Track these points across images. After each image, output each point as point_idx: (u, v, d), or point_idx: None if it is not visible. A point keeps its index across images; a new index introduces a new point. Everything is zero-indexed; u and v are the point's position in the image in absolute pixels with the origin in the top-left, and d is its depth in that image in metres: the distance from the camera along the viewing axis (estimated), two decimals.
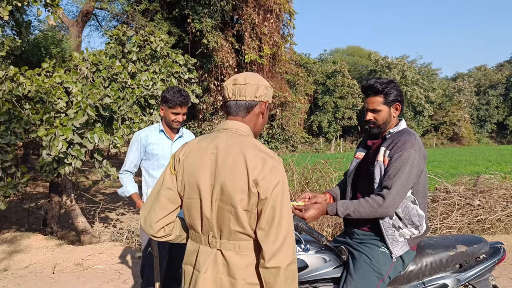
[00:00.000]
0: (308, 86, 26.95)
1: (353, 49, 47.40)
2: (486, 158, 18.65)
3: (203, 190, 1.34)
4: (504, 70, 46.21)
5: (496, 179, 6.13)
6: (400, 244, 1.91)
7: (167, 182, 1.42)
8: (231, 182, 1.29)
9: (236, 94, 1.41)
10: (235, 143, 1.34)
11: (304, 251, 1.97)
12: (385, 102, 1.95)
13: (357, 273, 1.89)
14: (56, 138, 4.05)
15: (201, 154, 1.37)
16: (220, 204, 1.32)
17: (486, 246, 2.15)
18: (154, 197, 1.44)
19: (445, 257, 2.04)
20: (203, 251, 1.39)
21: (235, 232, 1.33)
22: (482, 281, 2.14)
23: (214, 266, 1.35)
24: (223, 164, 1.31)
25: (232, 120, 1.42)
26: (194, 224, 1.41)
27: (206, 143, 1.38)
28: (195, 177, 1.35)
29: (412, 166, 1.83)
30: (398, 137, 1.90)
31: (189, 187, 1.37)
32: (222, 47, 10.93)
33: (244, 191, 1.29)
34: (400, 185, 1.80)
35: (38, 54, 6.66)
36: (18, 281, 3.87)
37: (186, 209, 1.41)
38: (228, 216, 1.31)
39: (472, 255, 2.11)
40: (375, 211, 1.82)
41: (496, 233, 5.08)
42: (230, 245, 1.35)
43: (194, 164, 1.37)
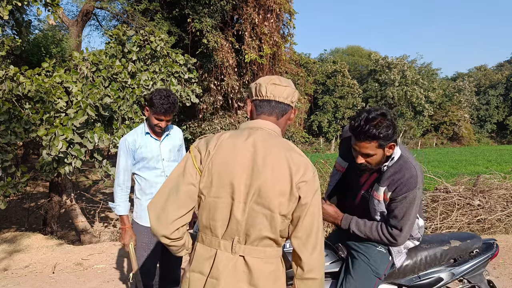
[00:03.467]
0: (308, 86, 26.94)
1: (353, 49, 47.40)
2: (486, 158, 18.66)
3: (237, 190, 1.22)
4: (504, 70, 46.21)
5: (496, 179, 6.13)
6: (401, 255, 1.99)
7: (190, 177, 1.27)
8: (272, 183, 1.21)
9: (275, 94, 1.33)
10: (275, 143, 1.26)
11: None
12: (379, 146, 1.72)
13: (356, 272, 1.93)
14: (56, 138, 4.05)
15: (236, 150, 1.24)
16: (255, 207, 1.22)
17: (479, 241, 2.21)
18: (171, 193, 1.27)
19: (439, 252, 2.10)
20: (221, 257, 1.26)
21: (264, 238, 1.25)
22: (477, 275, 2.20)
23: (234, 273, 1.25)
24: (263, 164, 1.22)
25: (266, 120, 1.34)
26: (213, 227, 1.27)
27: (241, 140, 1.26)
28: (228, 175, 1.23)
29: (417, 204, 1.79)
30: (398, 176, 1.75)
31: (218, 185, 1.24)
32: (222, 47, 10.92)
33: (285, 194, 1.21)
34: (409, 225, 1.83)
35: (38, 53, 6.66)
36: (18, 280, 3.87)
37: (207, 208, 1.27)
38: (261, 220, 1.23)
39: (466, 250, 2.17)
40: (385, 243, 1.89)
41: (496, 233, 5.08)
42: (255, 252, 1.26)
43: (227, 160, 1.24)
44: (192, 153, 1.30)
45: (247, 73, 11.89)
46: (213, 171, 1.24)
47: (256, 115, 1.37)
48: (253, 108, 1.38)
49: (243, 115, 11.83)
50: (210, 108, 11.68)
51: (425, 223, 5.11)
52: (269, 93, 1.34)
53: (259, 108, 1.36)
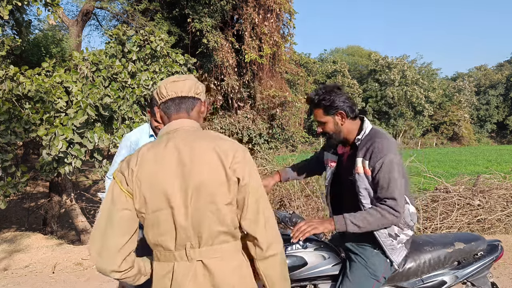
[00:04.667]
0: (308, 86, 26.93)
1: (353, 49, 47.42)
2: (486, 158, 18.66)
3: (174, 197, 1.19)
4: (504, 70, 46.22)
5: (496, 179, 6.12)
6: (399, 251, 1.91)
7: (120, 202, 1.21)
8: (207, 177, 1.19)
9: (176, 90, 1.31)
10: (196, 138, 1.25)
11: (303, 248, 1.98)
12: (325, 113, 1.87)
13: (353, 274, 1.91)
14: (56, 138, 4.05)
15: (160, 159, 1.21)
16: (198, 206, 1.20)
17: (484, 243, 2.17)
18: (107, 225, 1.21)
19: (443, 254, 2.06)
20: (179, 268, 1.22)
21: (217, 233, 1.22)
22: (480, 278, 2.16)
23: (195, 281, 1.21)
24: (192, 162, 1.20)
25: (178, 119, 1.31)
26: (163, 241, 1.22)
27: (161, 148, 1.23)
28: (160, 186, 1.19)
29: (399, 171, 1.79)
30: (370, 143, 1.81)
31: (153, 200, 1.19)
32: (222, 47, 10.93)
33: (223, 183, 1.20)
34: (399, 192, 1.78)
35: (38, 53, 6.66)
36: (18, 280, 3.87)
37: (150, 225, 1.22)
38: (208, 217, 1.20)
39: (470, 252, 2.13)
40: (388, 220, 1.78)
41: (496, 233, 5.08)
42: (212, 252, 1.23)
43: (154, 172, 1.20)
44: (116, 179, 1.24)
45: (247, 73, 11.89)
46: (142, 188, 1.20)
47: (167, 118, 1.34)
48: (162, 113, 1.35)
49: (243, 115, 11.84)
50: (210, 108, 11.69)
51: (425, 223, 5.11)
52: (169, 91, 1.31)
53: (166, 110, 1.33)
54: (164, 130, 1.31)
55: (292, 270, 1.95)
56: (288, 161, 6.62)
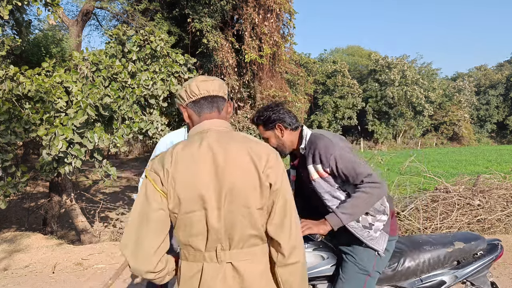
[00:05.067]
0: (308, 85, 26.94)
1: (353, 49, 47.40)
2: (486, 158, 18.66)
3: (208, 198, 1.18)
4: (504, 70, 46.21)
5: (496, 179, 6.13)
6: (379, 238, 1.91)
7: (155, 202, 1.20)
8: (241, 180, 1.19)
9: (208, 89, 1.32)
10: (230, 140, 1.24)
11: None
12: (265, 129, 2.00)
13: (344, 273, 1.93)
14: (56, 138, 4.05)
15: (195, 160, 1.20)
16: (231, 209, 1.19)
17: (484, 243, 2.17)
18: (142, 225, 1.19)
19: (442, 254, 2.06)
20: (209, 269, 1.22)
21: (248, 237, 1.22)
22: (480, 277, 2.16)
23: (224, 283, 1.21)
24: (226, 164, 1.19)
25: (211, 119, 1.31)
26: (194, 241, 1.22)
27: (195, 148, 1.22)
28: (195, 187, 1.18)
29: (350, 153, 1.86)
30: (313, 148, 1.89)
31: (188, 200, 1.19)
32: (222, 47, 10.92)
33: (256, 187, 1.20)
34: (366, 168, 1.82)
35: (38, 53, 6.66)
36: (18, 280, 3.87)
37: (182, 226, 1.22)
38: (240, 220, 1.20)
39: (470, 252, 2.13)
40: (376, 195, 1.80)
41: (496, 233, 5.08)
42: (242, 254, 1.23)
43: (189, 173, 1.19)
44: (149, 178, 1.22)
45: (247, 73, 11.89)
46: (177, 188, 1.19)
47: (198, 117, 1.33)
48: (191, 112, 1.34)
49: (243, 115, 11.83)
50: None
51: (425, 223, 5.11)
52: (202, 90, 1.31)
53: (197, 109, 1.32)
54: (195, 129, 1.30)
55: None
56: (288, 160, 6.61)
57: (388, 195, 2.01)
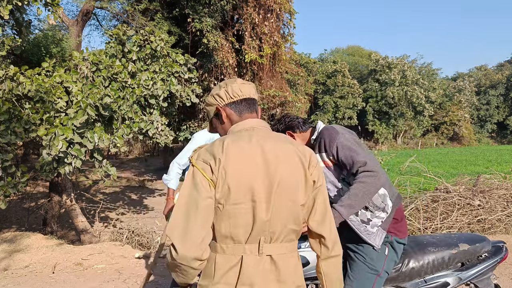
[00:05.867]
0: (308, 85, 26.94)
1: (353, 49, 47.39)
2: (487, 158, 18.65)
3: (258, 191, 1.21)
4: (504, 70, 46.20)
5: (496, 179, 6.12)
6: (376, 234, 1.91)
7: (205, 190, 1.20)
8: (289, 176, 1.24)
9: (249, 92, 1.38)
10: (276, 138, 1.30)
11: (306, 247, 1.98)
12: None
13: (353, 272, 1.93)
14: (56, 138, 4.04)
15: (245, 153, 1.23)
16: (279, 203, 1.23)
17: (488, 245, 2.15)
18: (190, 212, 1.20)
19: (447, 255, 2.05)
20: (249, 261, 1.23)
21: (289, 231, 1.27)
22: (484, 279, 2.14)
23: (264, 275, 1.23)
24: (276, 159, 1.24)
25: (253, 119, 1.37)
26: (236, 233, 1.22)
27: (245, 142, 1.25)
28: (245, 179, 1.20)
29: (353, 143, 1.89)
30: (319, 138, 1.98)
31: (237, 191, 1.20)
32: (222, 47, 10.92)
33: (302, 184, 1.27)
34: (364, 156, 1.82)
35: (38, 53, 6.66)
36: (18, 280, 3.87)
37: (226, 217, 1.22)
38: (285, 214, 1.25)
39: (474, 254, 2.11)
40: (373, 185, 1.78)
41: (496, 233, 5.08)
42: (280, 248, 1.27)
43: (240, 164, 1.21)
44: (198, 166, 1.23)
45: (247, 73, 11.89)
46: (228, 178, 1.20)
47: (238, 117, 1.37)
48: (230, 111, 1.38)
49: None
50: None
51: (425, 223, 5.11)
52: (244, 91, 1.37)
53: (238, 109, 1.37)
54: (239, 126, 1.33)
55: None
56: None
57: (398, 194, 1.99)
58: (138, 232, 5.46)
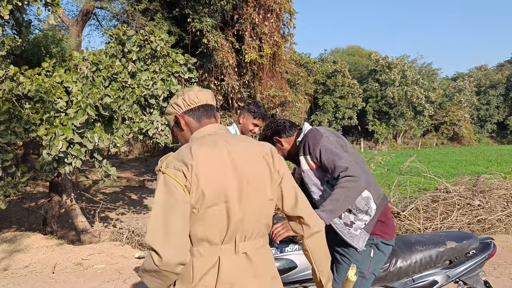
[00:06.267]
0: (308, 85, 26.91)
1: (353, 49, 47.38)
2: (487, 158, 18.65)
3: (230, 191, 1.24)
4: (504, 70, 46.19)
5: (496, 179, 6.12)
6: (359, 237, 1.90)
7: (181, 195, 1.20)
8: (256, 173, 1.30)
9: (206, 98, 1.43)
10: (237, 140, 1.36)
11: (279, 252, 1.98)
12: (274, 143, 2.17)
13: (339, 274, 1.94)
14: (56, 138, 4.04)
15: (213, 157, 1.26)
16: (249, 200, 1.28)
17: (476, 241, 2.15)
18: (169, 217, 1.18)
19: (434, 254, 2.05)
20: (226, 262, 1.25)
21: (261, 226, 1.32)
22: (473, 276, 2.14)
23: (241, 273, 1.26)
24: (242, 159, 1.29)
25: (213, 124, 1.41)
26: (212, 235, 1.24)
27: (211, 146, 1.29)
28: (217, 182, 1.23)
29: (337, 147, 1.89)
30: (304, 140, 2.00)
31: (211, 193, 1.22)
32: (222, 47, 10.92)
33: (268, 179, 1.33)
34: (345, 160, 1.81)
35: (38, 53, 6.66)
36: (18, 280, 3.87)
37: (201, 221, 1.23)
38: (257, 211, 1.30)
39: (462, 251, 2.11)
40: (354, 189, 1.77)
41: (496, 233, 5.08)
42: (254, 244, 1.30)
43: (211, 168, 1.24)
44: (170, 173, 1.22)
45: (247, 73, 11.89)
46: (201, 183, 1.21)
47: (197, 123, 1.40)
48: (189, 119, 1.41)
49: None
50: None
51: (425, 223, 5.10)
52: (200, 98, 1.41)
53: (196, 115, 1.41)
54: (201, 132, 1.37)
55: (283, 273, 1.94)
56: None
57: (384, 196, 1.99)
58: (138, 232, 5.46)
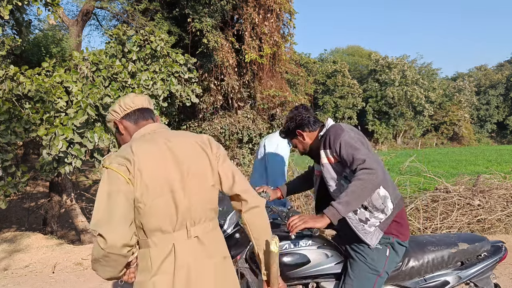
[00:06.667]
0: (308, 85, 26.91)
1: (353, 49, 47.40)
2: (486, 158, 18.65)
3: (173, 181, 1.34)
4: (504, 70, 46.21)
5: (496, 179, 6.13)
6: (373, 234, 1.91)
7: (123, 184, 1.27)
8: (196, 162, 1.39)
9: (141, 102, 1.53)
10: (176, 134, 1.45)
11: (294, 244, 1.99)
12: (291, 139, 2.20)
13: (354, 272, 1.93)
14: (56, 138, 4.05)
15: (154, 152, 1.34)
16: (192, 188, 1.37)
17: (488, 244, 2.17)
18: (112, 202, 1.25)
19: (446, 254, 2.06)
20: (181, 247, 1.33)
21: (208, 210, 1.41)
22: (484, 279, 2.16)
23: (195, 256, 1.35)
24: (182, 152, 1.38)
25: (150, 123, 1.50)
26: (163, 225, 1.31)
27: (152, 143, 1.37)
28: (160, 174, 1.31)
29: (357, 142, 1.89)
30: (326, 135, 2.00)
31: (155, 186, 1.30)
32: (222, 47, 10.92)
33: (208, 167, 1.42)
34: (364, 154, 1.80)
35: (38, 53, 6.66)
36: (18, 280, 3.87)
37: (149, 213, 1.30)
38: (201, 197, 1.39)
39: (474, 253, 2.13)
40: (371, 183, 1.74)
41: (496, 233, 5.08)
42: (204, 228, 1.40)
43: (153, 163, 1.31)
44: (113, 168, 1.28)
45: (247, 73, 11.89)
46: (144, 177, 1.29)
47: (135, 125, 1.49)
48: (127, 123, 1.51)
49: (243, 115, 11.83)
50: (210, 108, 11.68)
51: (425, 223, 5.11)
52: (136, 102, 1.51)
53: (133, 119, 1.50)
54: (141, 132, 1.46)
55: (295, 268, 1.97)
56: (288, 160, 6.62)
57: (401, 197, 1.99)
58: None
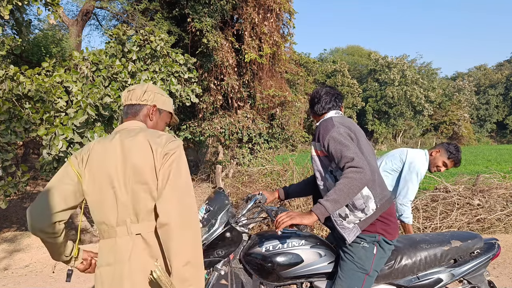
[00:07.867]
0: (308, 85, 26.95)
1: (353, 49, 47.41)
2: (486, 158, 18.66)
3: (115, 177, 1.39)
4: (504, 69, 46.24)
5: (495, 179, 6.14)
6: (350, 230, 1.91)
7: (69, 177, 1.43)
8: (141, 160, 1.39)
9: (127, 98, 1.60)
10: (137, 134, 1.47)
11: (300, 245, 2.00)
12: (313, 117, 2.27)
13: (343, 271, 1.95)
14: (56, 137, 4.05)
15: (106, 149, 1.43)
16: (134, 185, 1.38)
17: (481, 241, 2.18)
18: (49, 193, 1.40)
19: (439, 252, 2.07)
20: (121, 242, 1.39)
21: (150, 211, 1.39)
22: (477, 276, 2.17)
23: (136, 252, 1.37)
24: (130, 150, 1.41)
25: (128, 121, 1.57)
26: (107, 218, 1.41)
27: (108, 141, 1.46)
28: (105, 170, 1.40)
29: (346, 138, 1.88)
30: (318, 127, 2.02)
31: (99, 181, 1.41)
32: (222, 47, 10.93)
33: (152, 168, 1.39)
34: (353, 152, 1.79)
35: (38, 53, 6.67)
36: (18, 280, 3.88)
37: (95, 206, 1.43)
38: (142, 196, 1.38)
39: (467, 250, 2.14)
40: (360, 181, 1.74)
41: (496, 232, 5.09)
42: (148, 226, 1.39)
43: (101, 158, 1.42)
44: (70, 162, 1.47)
45: (247, 73, 11.89)
46: (91, 171, 1.42)
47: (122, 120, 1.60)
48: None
49: (243, 114, 11.83)
50: (210, 108, 11.68)
51: (425, 223, 5.11)
52: (124, 99, 1.61)
53: (123, 114, 1.62)
54: (115, 130, 1.55)
55: (288, 267, 1.97)
56: (288, 160, 6.61)
57: (389, 198, 1.98)
58: None
